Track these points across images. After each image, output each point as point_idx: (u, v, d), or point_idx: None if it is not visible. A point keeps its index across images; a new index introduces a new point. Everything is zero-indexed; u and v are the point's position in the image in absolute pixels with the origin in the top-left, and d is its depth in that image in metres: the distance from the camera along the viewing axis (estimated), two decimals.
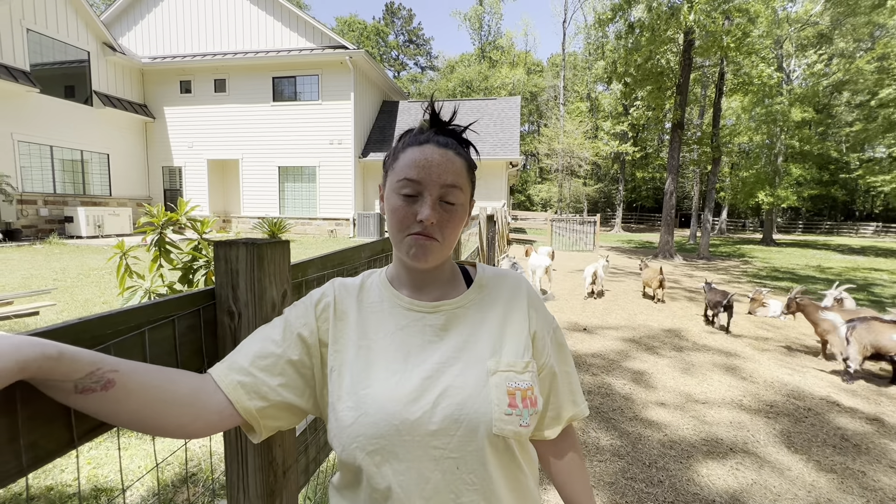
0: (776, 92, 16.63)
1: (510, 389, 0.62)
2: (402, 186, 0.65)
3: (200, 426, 0.58)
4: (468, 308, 0.70)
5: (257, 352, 0.63)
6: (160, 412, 0.54)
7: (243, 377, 0.61)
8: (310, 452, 1.09)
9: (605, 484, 2.29)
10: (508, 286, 0.74)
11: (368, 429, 0.59)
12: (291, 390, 0.63)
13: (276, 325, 0.67)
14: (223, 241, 0.75)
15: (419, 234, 0.64)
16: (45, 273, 6.97)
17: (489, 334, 0.67)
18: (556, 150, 29.81)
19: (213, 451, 2.33)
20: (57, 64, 12.79)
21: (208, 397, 0.58)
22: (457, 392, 0.61)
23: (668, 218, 13.35)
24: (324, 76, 14.88)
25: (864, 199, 36.15)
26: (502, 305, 0.71)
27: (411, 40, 51.32)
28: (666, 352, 4.43)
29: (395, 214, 0.65)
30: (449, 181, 0.65)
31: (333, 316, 0.68)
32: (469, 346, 0.66)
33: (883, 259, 14.65)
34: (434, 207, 0.64)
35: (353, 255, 1.34)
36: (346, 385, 0.63)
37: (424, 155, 0.65)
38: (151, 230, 2.61)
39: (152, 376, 0.54)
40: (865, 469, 2.48)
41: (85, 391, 0.48)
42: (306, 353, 0.65)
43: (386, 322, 0.68)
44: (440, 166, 0.64)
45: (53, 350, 0.45)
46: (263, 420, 0.62)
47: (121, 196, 14.77)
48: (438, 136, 0.67)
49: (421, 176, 0.64)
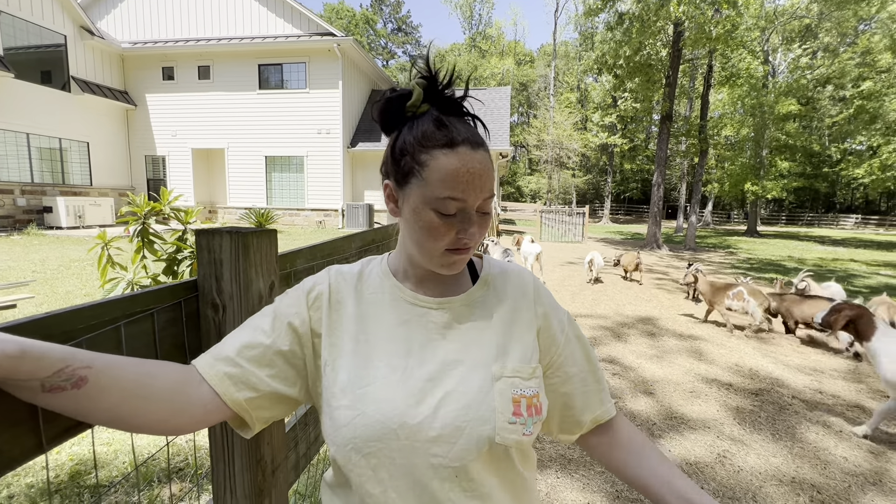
0: (762, 85, 16.80)
1: (515, 397, 0.59)
2: (444, 204, 0.58)
3: (184, 421, 0.54)
4: (473, 306, 0.66)
5: (245, 342, 0.59)
6: (139, 409, 0.50)
7: (230, 368, 0.57)
8: (300, 448, 1.06)
9: (598, 472, 2.31)
10: (515, 283, 0.69)
11: (365, 430, 0.56)
12: (282, 381, 0.60)
13: (265, 315, 0.63)
14: (205, 230, 0.70)
15: (458, 250, 0.60)
16: (23, 265, 6.76)
17: (495, 336, 0.64)
18: (545, 141, 29.82)
19: (199, 446, 2.29)
20: (32, 48, 12.32)
21: (192, 390, 0.55)
22: (459, 397, 0.58)
23: (656, 209, 13.48)
24: (311, 64, 14.59)
25: (845, 191, 36.99)
26: (509, 305, 0.66)
27: (400, 28, 50.60)
28: (650, 337, 4.48)
29: (432, 231, 0.59)
30: (487, 193, 0.59)
31: (328, 306, 0.63)
32: (473, 347, 0.62)
33: (862, 250, 15.01)
34: (479, 223, 0.61)
35: (343, 246, 1.30)
36: (341, 381, 0.59)
37: (465, 165, 0.57)
38: (134, 220, 2.53)
39: (129, 371, 0.51)
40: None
41: (54, 390, 0.44)
42: (297, 344, 0.61)
43: (387, 315, 0.63)
44: (482, 178, 0.58)
45: (13, 348, 0.41)
46: (255, 411, 0.59)
47: (102, 186, 14.38)
48: (459, 126, 0.59)
49: (466, 193, 0.57)
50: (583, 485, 2.20)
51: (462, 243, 0.60)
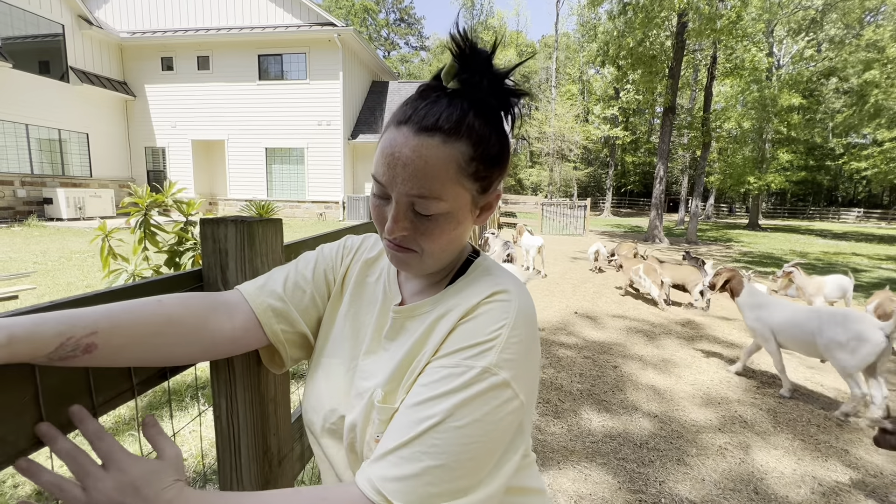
0: (766, 77, 16.66)
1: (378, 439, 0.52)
2: (374, 184, 0.53)
3: (215, 352, 0.57)
4: (415, 319, 0.57)
5: (292, 281, 0.63)
6: (162, 353, 0.52)
7: (275, 301, 0.61)
8: (304, 439, 1.06)
9: (599, 464, 2.32)
10: (464, 296, 0.54)
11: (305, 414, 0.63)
12: (308, 326, 0.64)
13: (308, 262, 0.67)
14: (210, 219, 0.69)
15: (391, 243, 0.54)
16: (24, 256, 6.76)
17: (397, 359, 0.55)
18: (546, 133, 29.65)
19: (203, 436, 2.29)
20: (30, 38, 12.20)
21: (219, 323, 0.56)
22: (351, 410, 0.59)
23: (658, 202, 13.43)
24: (311, 54, 14.46)
25: (848, 185, 36.85)
26: (435, 316, 0.55)
27: (402, 19, 50.08)
28: (649, 331, 4.49)
29: (373, 213, 0.55)
30: (415, 191, 0.49)
31: (355, 272, 0.68)
32: (385, 365, 0.57)
33: (864, 244, 14.98)
34: (399, 219, 0.51)
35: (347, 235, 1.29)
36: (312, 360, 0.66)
37: (394, 146, 0.49)
38: (136, 211, 2.52)
39: (143, 323, 0.49)
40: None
41: (64, 359, 0.43)
42: (326, 296, 0.66)
43: (371, 307, 0.64)
44: (406, 168, 0.48)
45: (1, 336, 0.38)
46: (289, 347, 0.62)
47: (102, 177, 14.33)
48: (438, 110, 0.49)
49: (386, 179, 0.50)
50: (584, 476, 2.20)
51: (390, 235, 0.52)
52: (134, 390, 0.57)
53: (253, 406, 0.72)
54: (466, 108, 0.50)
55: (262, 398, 0.74)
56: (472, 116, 0.50)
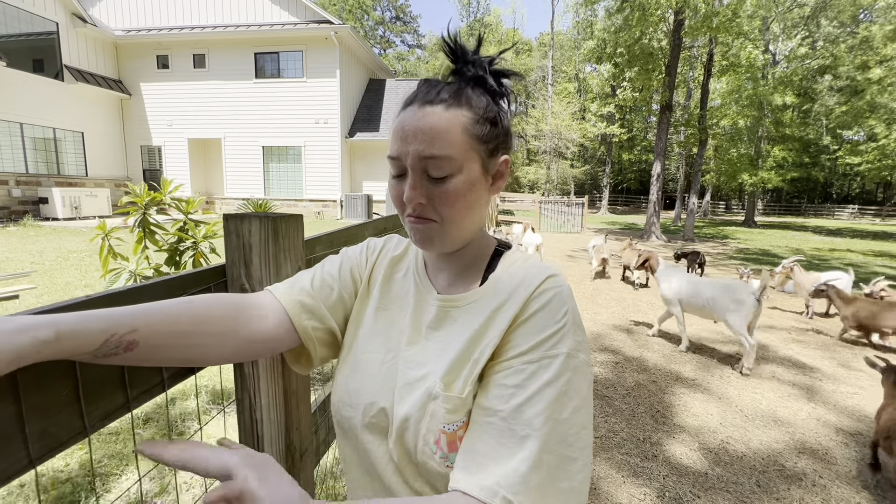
0: (761, 74, 16.71)
1: (443, 430, 0.52)
2: (392, 165, 0.56)
3: (255, 348, 0.58)
4: (463, 309, 0.58)
5: (320, 280, 0.65)
6: (198, 353, 0.53)
7: (306, 298, 0.62)
8: (320, 434, 1.06)
9: (605, 458, 2.34)
10: (514, 286, 0.55)
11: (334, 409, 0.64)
12: (337, 323, 0.65)
13: (334, 262, 0.68)
14: (235, 215, 0.70)
15: (411, 217, 0.56)
16: (21, 256, 6.71)
17: (455, 350, 0.55)
18: (543, 131, 29.68)
19: (226, 435, 2.29)
20: (23, 36, 12.07)
21: (249, 324, 0.57)
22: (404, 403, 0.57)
23: (655, 200, 13.47)
24: (308, 52, 14.40)
25: (842, 182, 37.09)
26: (491, 310, 0.55)
27: (398, 17, 49.91)
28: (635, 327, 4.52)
29: (392, 195, 0.58)
30: (426, 152, 0.52)
31: (381, 273, 0.68)
32: (438, 357, 0.57)
33: (859, 240, 15.10)
34: (416, 186, 0.54)
35: (358, 233, 1.30)
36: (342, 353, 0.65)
37: (403, 122, 0.54)
38: (134, 210, 2.51)
39: (179, 323, 0.50)
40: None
41: (107, 356, 0.44)
42: (353, 294, 0.67)
43: (404, 301, 0.65)
44: (415, 135, 0.52)
45: (48, 333, 0.39)
46: (319, 346, 0.63)
47: (98, 176, 14.23)
48: (438, 87, 0.55)
49: (399, 151, 0.54)
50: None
51: (412, 209, 0.55)
52: (164, 384, 0.57)
53: (276, 399, 0.73)
54: (464, 84, 0.57)
55: (286, 392, 0.74)
56: (470, 89, 0.57)
